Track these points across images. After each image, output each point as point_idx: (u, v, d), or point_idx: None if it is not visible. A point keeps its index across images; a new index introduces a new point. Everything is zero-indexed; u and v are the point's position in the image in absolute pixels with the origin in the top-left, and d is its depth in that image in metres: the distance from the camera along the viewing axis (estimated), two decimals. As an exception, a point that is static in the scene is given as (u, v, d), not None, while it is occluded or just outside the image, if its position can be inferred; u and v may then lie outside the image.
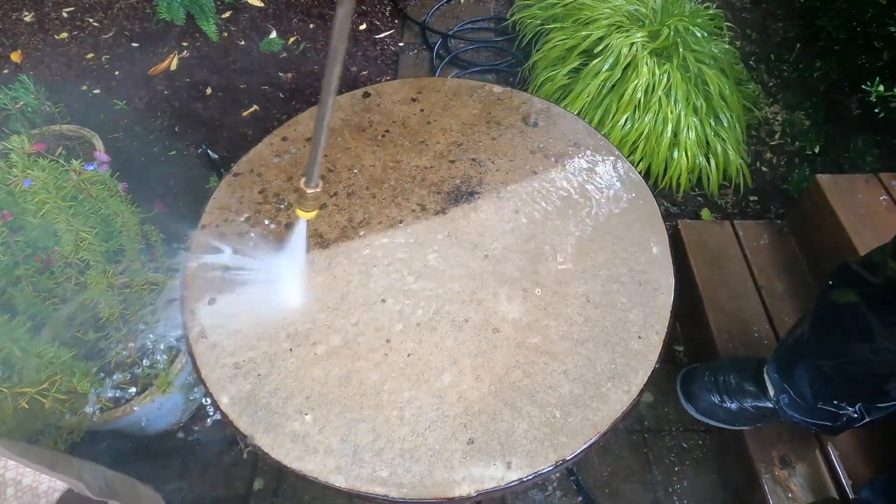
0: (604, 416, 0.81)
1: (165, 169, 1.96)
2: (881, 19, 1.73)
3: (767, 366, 1.09)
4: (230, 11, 2.52)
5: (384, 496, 0.75)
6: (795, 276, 1.44)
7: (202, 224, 1.05)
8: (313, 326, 0.90)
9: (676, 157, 1.69)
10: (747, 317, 1.36)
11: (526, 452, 0.77)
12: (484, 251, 0.99)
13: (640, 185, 1.08)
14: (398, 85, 1.30)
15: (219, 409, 0.83)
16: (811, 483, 1.12)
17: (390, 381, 0.84)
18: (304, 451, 0.78)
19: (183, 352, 1.24)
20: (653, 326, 0.89)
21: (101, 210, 1.12)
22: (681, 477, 1.31)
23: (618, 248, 0.99)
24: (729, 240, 1.53)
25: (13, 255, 1.13)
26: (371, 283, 0.95)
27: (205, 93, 2.21)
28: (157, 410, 1.26)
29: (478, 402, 0.82)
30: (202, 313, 0.92)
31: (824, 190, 1.40)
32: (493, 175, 1.11)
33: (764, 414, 1.11)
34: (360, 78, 2.27)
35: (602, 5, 1.80)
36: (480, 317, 0.91)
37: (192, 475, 1.33)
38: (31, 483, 0.75)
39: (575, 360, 0.86)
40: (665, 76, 1.66)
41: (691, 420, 1.22)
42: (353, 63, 2.34)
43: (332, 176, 1.11)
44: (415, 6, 2.59)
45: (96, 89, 2.22)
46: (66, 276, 1.17)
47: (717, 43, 1.83)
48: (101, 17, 2.52)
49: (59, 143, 1.65)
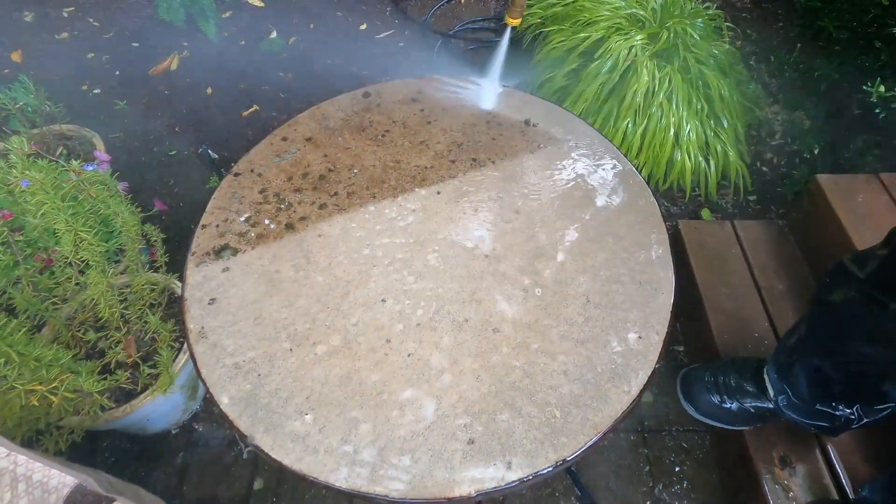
0: (604, 416, 0.81)
1: (165, 169, 1.96)
2: (882, 20, 1.73)
3: (767, 366, 1.09)
4: (230, 11, 2.52)
5: (384, 496, 0.75)
6: (795, 276, 1.44)
7: (202, 224, 1.05)
8: (313, 326, 0.90)
9: (678, 158, 1.69)
10: (747, 317, 1.36)
11: (526, 452, 0.77)
12: (484, 251, 0.99)
13: (640, 185, 1.08)
14: (398, 85, 1.30)
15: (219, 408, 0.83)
16: (811, 483, 1.12)
17: (390, 381, 0.84)
18: (304, 451, 0.78)
19: (183, 351, 1.24)
20: (653, 326, 0.89)
21: (101, 210, 1.12)
22: (681, 477, 1.31)
23: (618, 248, 0.99)
24: (729, 240, 1.53)
25: (13, 255, 1.13)
26: (371, 283, 0.95)
27: (205, 93, 2.22)
28: (157, 410, 1.26)
29: (478, 402, 0.82)
30: (202, 313, 0.92)
31: (824, 190, 1.40)
32: (493, 175, 1.11)
33: (764, 414, 1.11)
34: (360, 77, 2.28)
35: (601, 7, 1.80)
36: (480, 317, 0.91)
37: (192, 475, 1.33)
38: (41, 479, 0.76)
39: (575, 360, 0.86)
40: (666, 79, 1.66)
41: (691, 420, 1.22)
42: (354, 63, 2.34)
43: (333, 176, 1.11)
44: (415, 6, 2.59)
45: (96, 89, 2.22)
46: (66, 275, 1.17)
47: (717, 44, 1.83)
48: (101, 16, 2.52)
49: (60, 143, 1.65)
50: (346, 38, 2.44)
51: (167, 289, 1.34)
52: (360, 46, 2.40)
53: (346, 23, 2.52)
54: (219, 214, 1.05)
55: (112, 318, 1.18)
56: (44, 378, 0.93)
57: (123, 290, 1.26)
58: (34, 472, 0.76)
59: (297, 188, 1.09)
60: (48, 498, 0.75)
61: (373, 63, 2.34)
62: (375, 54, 2.38)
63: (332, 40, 2.42)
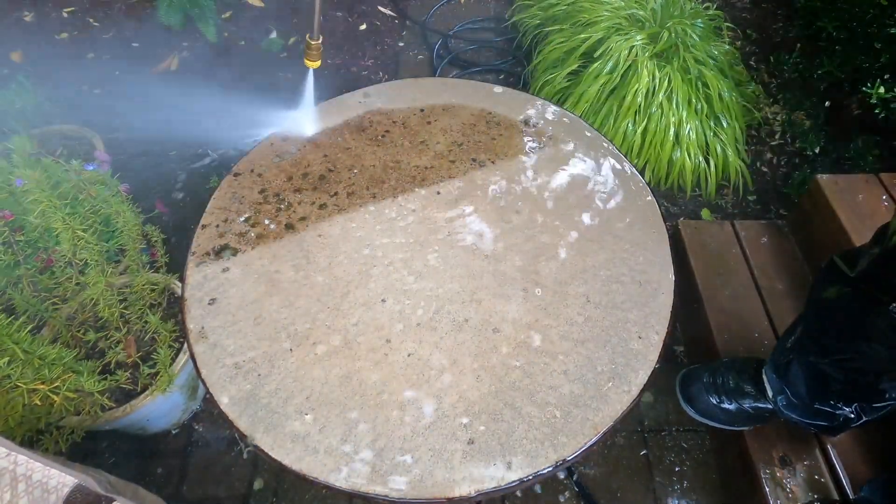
0: (604, 416, 0.81)
1: (166, 169, 1.96)
2: (881, 20, 1.73)
3: (766, 367, 1.09)
4: (230, 12, 2.52)
5: (384, 496, 0.75)
6: (795, 276, 1.44)
7: (202, 224, 1.05)
8: (313, 326, 0.90)
9: (678, 158, 1.69)
10: (747, 317, 1.36)
11: (526, 452, 0.77)
12: (484, 251, 0.99)
13: (640, 185, 1.08)
14: (398, 85, 1.30)
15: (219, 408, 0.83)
16: (811, 483, 1.12)
17: (390, 381, 0.84)
18: (304, 451, 0.78)
19: (183, 351, 1.24)
20: (653, 326, 0.89)
21: (101, 210, 1.12)
22: (681, 477, 1.31)
23: (618, 248, 0.99)
24: (729, 240, 1.53)
25: (14, 255, 1.13)
26: (371, 283, 0.95)
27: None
28: (157, 410, 1.26)
29: (478, 402, 0.82)
30: (202, 313, 0.92)
31: (824, 190, 1.40)
32: (493, 175, 1.11)
33: (762, 415, 1.11)
34: (361, 78, 2.28)
35: (601, 7, 1.80)
36: (480, 317, 0.91)
37: (192, 475, 1.33)
38: (41, 479, 0.76)
39: (575, 360, 0.86)
40: (666, 79, 1.66)
41: (691, 420, 1.22)
42: (354, 63, 2.34)
43: (333, 176, 1.11)
44: (415, 6, 2.59)
45: (96, 89, 2.22)
46: (66, 275, 1.17)
47: (717, 44, 1.83)
48: (101, 16, 2.52)
49: (60, 143, 1.65)
50: (346, 38, 2.44)
51: (167, 289, 1.34)
52: (359, 46, 2.40)
53: (347, 23, 2.52)
54: (219, 214, 1.05)
55: (112, 318, 1.18)
56: (46, 377, 0.93)
57: (123, 290, 1.26)
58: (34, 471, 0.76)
59: (297, 188, 1.10)
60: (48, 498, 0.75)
61: (372, 63, 2.34)
62: (375, 54, 2.38)
63: (332, 40, 2.43)
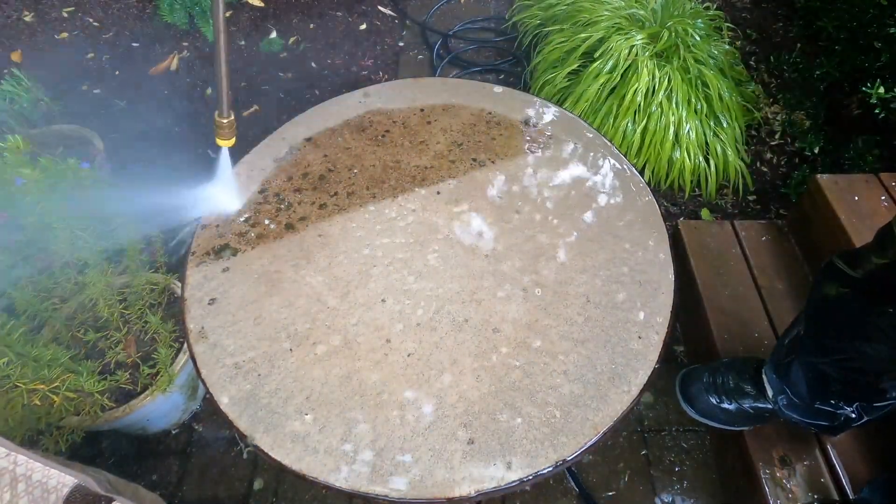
0: (604, 416, 0.81)
1: (166, 169, 1.96)
2: (881, 20, 1.73)
3: (766, 367, 1.09)
4: (230, 11, 2.52)
5: (384, 496, 0.75)
6: (795, 276, 1.44)
7: (202, 224, 1.05)
8: (313, 326, 0.90)
9: (677, 158, 1.69)
10: (747, 317, 1.36)
11: (526, 452, 0.77)
12: (484, 251, 0.99)
13: (640, 185, 1.08)
14: (398, 85, 1.30)
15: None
16: (811, 483, 1.12)
17: (390, 381, 0.84)
18: (304, 451, 0.78)
19: (183, 351, 1.24)
20: (653, 326, 0.89)
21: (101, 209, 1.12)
22: (681, 477, 1.31)
23: (618, 248, 0.99)
24: (729, 240, 1.53)
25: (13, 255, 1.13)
26: (371, 283, 0.95)
27: (205, 93, 2.22)
28: (157, 410, 1.26)
29: (478, 402, 0.82)
30: (202, 313, 0.92)
31: (824, 190, 1.40)
32: (493, 175, 1.11)
33: (762, 415, 1.11)
34: (361, 78, 2.28)
35: (601, 7, 1.80)
36: (480, 317, 0.91)
37: (192, 475, 1.33)
38: (40, 478, 0.76)
39: (575, 360, 0.86)
40: (666, 79, 1.66)
41: (691, 420, 1.22)
42: (354, 63, 2.34)
43: (333, 176, 1.11)
44: (415, 6, 2.59)
45: (96, 89, 2.22)
46: (65, 275, 1.17)
47: (717, 44, 1.83)
48: (101, 17, 2.52)
49: (60, 143, 1.65)
50: (346, 38, 2.44)
51: (167, 289, 1.34)
52: (360, 46, 2.40)
53: (346, 23, 2.52)
54: (219, 214, 1.05)
55: (112, 317, 1.18)
56: (45, 377, 0.93)
57: (123, 290, 1.26)
58: (34, 471, 0.76)
59: (297, 188, 1.10)
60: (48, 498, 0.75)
61: (372, 63, 2.34)
62: (375, 54, 2.38)
63: (332, 40, 2.43)
